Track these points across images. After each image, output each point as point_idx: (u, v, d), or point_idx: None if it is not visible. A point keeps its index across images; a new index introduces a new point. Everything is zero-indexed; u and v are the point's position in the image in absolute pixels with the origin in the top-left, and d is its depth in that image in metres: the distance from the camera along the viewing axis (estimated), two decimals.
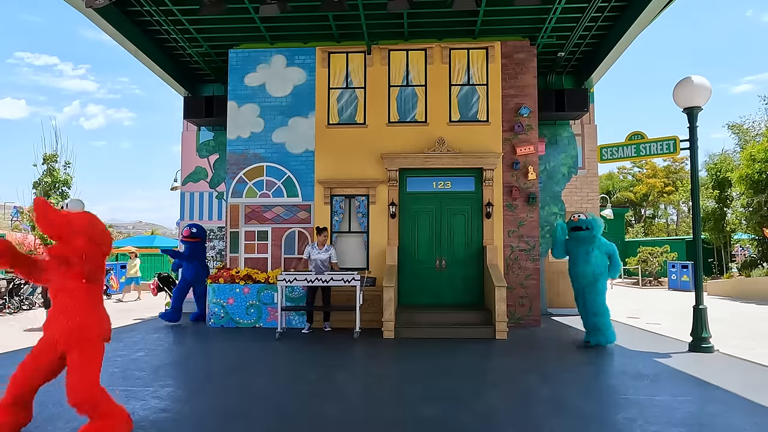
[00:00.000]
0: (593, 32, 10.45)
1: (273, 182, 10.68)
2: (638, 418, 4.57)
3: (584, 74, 11.97)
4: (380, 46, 10.67)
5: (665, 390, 5.54)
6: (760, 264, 19.93)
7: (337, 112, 10.79)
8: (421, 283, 10.39)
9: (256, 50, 10.92)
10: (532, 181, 10.43)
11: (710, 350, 7.62)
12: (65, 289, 4.03)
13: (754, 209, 19.12)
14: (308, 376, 6.38)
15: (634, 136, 8.82)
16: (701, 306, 7.80)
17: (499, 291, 8.74)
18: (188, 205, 12.83)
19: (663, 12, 9.50)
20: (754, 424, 4.46)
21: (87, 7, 8.05)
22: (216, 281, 10.05)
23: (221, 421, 4.58)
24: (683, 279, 20.86)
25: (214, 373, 6.65)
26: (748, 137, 23.27)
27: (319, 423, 4.57)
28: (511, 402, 5.32)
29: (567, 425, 4.50)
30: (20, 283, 14.36)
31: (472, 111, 10.62)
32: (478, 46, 10.62)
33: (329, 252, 9.61)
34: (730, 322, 11.45)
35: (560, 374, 6.47)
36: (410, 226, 10.51)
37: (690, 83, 7.88)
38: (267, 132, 10.78)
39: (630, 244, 31.26)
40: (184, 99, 12.40)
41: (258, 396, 5.46)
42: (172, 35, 10.66)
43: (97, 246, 4.14)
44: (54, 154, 19.25)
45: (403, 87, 10.70)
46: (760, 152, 18.58)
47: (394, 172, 10.34)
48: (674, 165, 42.33)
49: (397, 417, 4.76)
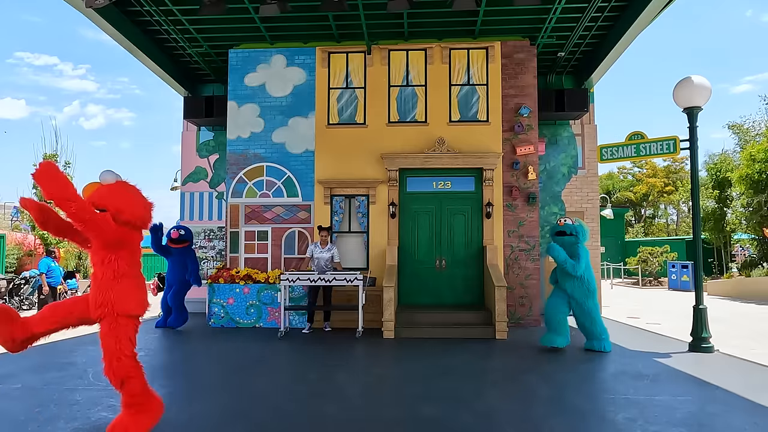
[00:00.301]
0: (593, 32, 10.45)
1: (273, 182, 10.68)
2: (638, 418, 4.57)
3: (584, 74, 11.96)
4: (380, 46, 10.67)
5: (665, 390, 5.54)
6: (760, 264, 19.93)
7: (337, 112, 10.79)
8: (421, 283, 10.39)
9: (256, 50, 10.92)
10: (532, 181, 10.43)
11: (710, 350, 7.62)
12: (93, 261, 4.00)
13: (754, 209, 19.12)
14: (308, 376, 6.38)
15: (634, 136, 8.82)
16: (701, 306, 7.80)
17: (499, 291, 8.74)
18: (188, 205, 12.82)
19: (663, 12, 9.50)
20: (754, 424, 4.46)
21: (87, 7, 8.05)
22: (216, 281, 10.05)
23: (221, 421, 4.59)
24: (683, 279, 20.87)
25: (215, 373, 6.64)
26: (748, 137, 23.27)
27: (320, 423, 4.57)
28: (511, 402, 5.32)
29: (567, 425, 4.50)
30: (20, 283, 14.36)
31: (472, 111, 10.62)
32: (478, 46, 10.62)
33: (332, 251, 9.62)
34: (730, 322, 11.45)
35: (560, 374, 6.47)
36: (410, 226, 10.51)
37: (690, 83, 7.88)
38: (267, 132, 10.78)
39: (630, 244, 31.28)
40: (184, 99, 12.39)
41: (258, 396, 5.46)
42: (172, 35, 10.65)
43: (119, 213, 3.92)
44: (54, 154, 19.26)
45: (403, 87, 10.70)
46: (760, 152, 18.59)
47: (394, 172, 10.34)
48: (674, 165, 42.33)
49: (397, 417, 4.76)
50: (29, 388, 5.60)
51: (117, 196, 4.00)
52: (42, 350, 8.04)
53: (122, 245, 3.98)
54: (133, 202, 4.06)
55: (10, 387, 5.64)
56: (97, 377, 6.03)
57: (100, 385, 5.64)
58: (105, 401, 5.02)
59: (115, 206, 3.94)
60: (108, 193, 4.00)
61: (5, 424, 4.42)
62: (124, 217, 3.95)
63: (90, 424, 4.42)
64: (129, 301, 3.96)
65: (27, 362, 6.97)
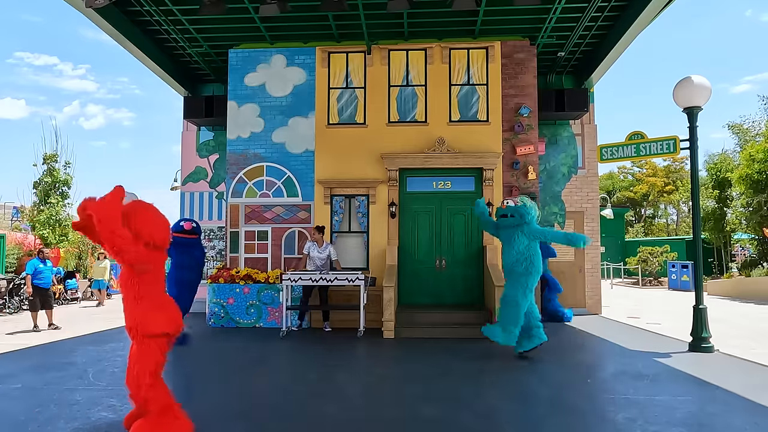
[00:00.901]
0: (593, 32, 10.45)
1: (273, 182, 10.68)
2: (638, 417, 4.57)
3: (584, 74, 11.96)
4: (380, 46, 10.67)
5: (665, 390, 5.54)
6: (760, 264, 19.93)
7: (337, 112, 10.79)
8: (421, 283, 10.39)
9: (256, 50, 10.92)
10: (532, 181, 10.43)
11: (710, 350, 7.61)
12: (120, 282, 4.03)
13: (754, 209, 19.12)
14: (308, 375, 6.38)
15: (634, 136, 8.81)
16: (701, 306, 7.80)
17: (499, 291, 8.72)
18: (188, 205, 12.82)
19: (663, 12, 9.50)
20: (754, 424, 4.46)
21: (87, 7, 8.05)
22: (216, 281, 10.04)
23: (222, 420, 4.59)
24: (683, 279, 20.86)
25: (215, 372, 6.64)
26: (748, 137, 23.28)
27: (320, 423, 4.57)
28: (511, 402, 5.32)
29: (567, 425, 4.50)
30: (20, 283, 14.36)
31: (472, 111, 10.62)
32: (478, 46, 10.62)
33: (327, 249, 9.62)
34: (730, 322, 11.46)
35: (560, 374, 6.47)
36: (410, 226, 10.51)
37: (690, 83, 7.88)
38: (267, 132, 10.78)
39: (630, 244, 31.28)
40: (184, 99, 12.39)
41: (258, 396, 5.46)
42: (172, 35, 10.65)
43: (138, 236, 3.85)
44: (54, 154, 19.26)
45: (403, 87, 10.70)
46: (759, 152, 18.59)
47: (394, 172, 10.34)
48: (674, 165, 42.32)
49: (397, 417, 4.76)
50: (29, 388, 5.60)
51: (137, 217, 3.89)
52: (42, 350, 8.05)
53: (145, 268, 3.91)
54: (152, 222, 3.96)
55: (10, 387, 5.64)
56: (97, 377, 6.04)
57: (100, 385, 5.65)
58: (105, 401, 5.02)
59: (136, 228, 3.84)
60: (129, 215, 3.86)
61: (5, 424, 4.42)
62: (145, 239, 3.86)
63: (90, 424, 4.43)
64: (153, 322, 3.91)
65: (27, 362, 6.98)
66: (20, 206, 21.35)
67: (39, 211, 18.21)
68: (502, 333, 6.99)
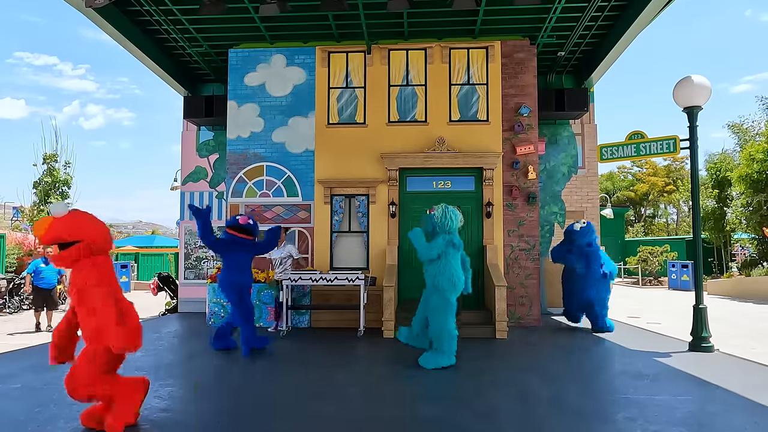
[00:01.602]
0: (593, 32, 10.44)
1: (273, 182, 10.68)
2: (638, 417, 4.57)
3: (584, 74, 11.96)
4: (380, 46, 10.67)
5: (665, 389, 5.54)
6: (760, 263, 19.94)
7: (337, 111, 10.79)
8: (421, 283, 10.34)
9: (256, 50, 10.92)
10: (532, 181, 10.43)
11: (710, 350, 7.61)
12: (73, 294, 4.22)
13: (754, 209, 19.14)
14: (308, 375, 6.37)
15: (634, 136, 8.81)
16: (701, 305, 7.80)
17: (499, 290, 8.74)
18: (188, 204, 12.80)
19: (663, 11, 9.49)
20: (754, 423, 4.46)
21: (87, 7, 8.05)
22: (216, 281, 10.02)
23: (222, 420, 4.59)
24: (683, 278, 20.87)
25: (215, 372, 6.65)
26: (748, 137, 23.29)
27: (320, 423, 4.57)
28: (511, 402, 5.32)
29: (567, 425, 4.50)
30: (20, 283, 14.36)
31: (472, 110, 10.62)
32: (478, 45, 10.61)
33: (285, 249, 9.60)
34: (730, 322, 11.46)
35: (560, 374, 6.47)
36: (410, 225, 10.45)
37: (690, 83, 7.88)
38: (267, 132, 10.78)
39: (630, 244, 31.29)
40: (184, 99, 12.39)
41: (258, 396, 5.46)
42: (172, 35, 10.65)
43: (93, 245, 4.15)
44: (54, 154, 19.29)
45: (403, 87, 10.69)
46: (759, 152, 18.60)
47: (394, 171, 10.34)
48: (674, 164, 42.33)
49: (397, 417, 4.76)
50: (29, 388, 5.60)
51: (86, 225, 4.14)
52: (42, 350, 8.04)
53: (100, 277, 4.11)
54: (99, 228, 4.23)
55: (10, 387, 5.65)
56: None
57: None
58: None
59: (90, 236, 4.10)
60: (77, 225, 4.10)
61: (5, 424, 4.42)
62: (99, 244, 4.12)
63: None
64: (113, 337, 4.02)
65: (27, 362, 6.98)
66: (20, 206, 21.37)
67: (39, 211, 18.22)
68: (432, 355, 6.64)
